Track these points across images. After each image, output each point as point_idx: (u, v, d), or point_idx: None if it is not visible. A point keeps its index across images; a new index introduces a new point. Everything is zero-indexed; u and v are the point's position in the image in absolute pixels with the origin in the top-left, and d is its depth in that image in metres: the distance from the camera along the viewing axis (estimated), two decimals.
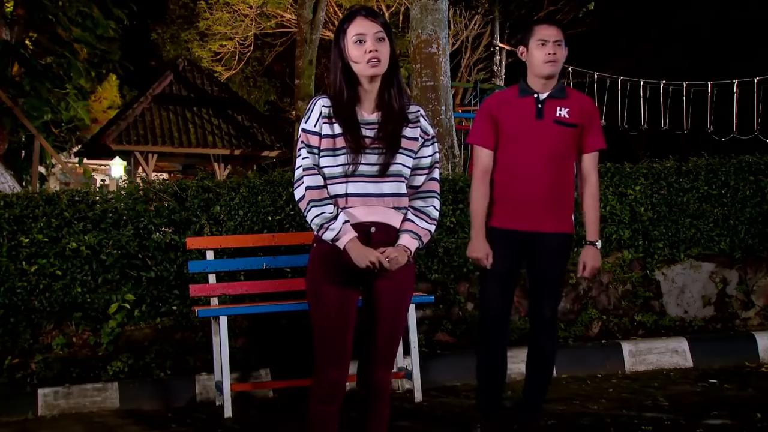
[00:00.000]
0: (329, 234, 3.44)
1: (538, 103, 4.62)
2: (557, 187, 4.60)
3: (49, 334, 6.46)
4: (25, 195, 6.55)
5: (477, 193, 4.70)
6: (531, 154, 4.58)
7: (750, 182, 7.55)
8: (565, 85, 4.74)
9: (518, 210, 4.61)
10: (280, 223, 6.63)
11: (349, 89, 3.54)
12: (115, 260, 6.39)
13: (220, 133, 24.47)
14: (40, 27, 15.27)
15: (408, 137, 3.57)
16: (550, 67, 4.57)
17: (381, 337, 3.60)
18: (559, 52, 4.58)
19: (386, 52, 3.51)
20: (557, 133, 4.59)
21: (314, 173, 3.49)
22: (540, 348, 4.76)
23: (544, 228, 4.60)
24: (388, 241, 3.52)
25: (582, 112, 4.64)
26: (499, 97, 4.83)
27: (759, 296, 7.62)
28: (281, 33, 28.99)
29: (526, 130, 4.60)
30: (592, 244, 4.70)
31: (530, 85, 4.67)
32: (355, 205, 3.50)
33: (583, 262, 4.68)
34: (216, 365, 5.94)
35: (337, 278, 3.51)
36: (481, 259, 4.64)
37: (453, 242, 6.95)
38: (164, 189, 6.69)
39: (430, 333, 6.96)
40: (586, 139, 4.67)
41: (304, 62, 18.85)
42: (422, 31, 9.34)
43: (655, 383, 6.33)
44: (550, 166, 4.57)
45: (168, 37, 32.05)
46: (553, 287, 4.74)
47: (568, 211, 4.68)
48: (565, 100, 4.64)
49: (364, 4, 25.39)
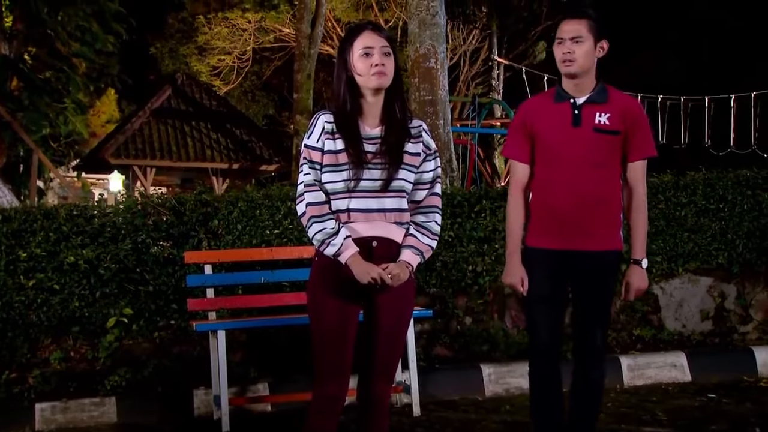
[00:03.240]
0: (331, 249, 3.45)
1: (575, 109, 4.16)
2: (600, 201, 4.15)
3: (47, 348, 6.44)
4: (23, 209, 6.55)
5: (511, 210, 4.32)
6: (569, 165, 4.14)
7: (747, 196, 7.55)
8: (606, 86, 4.23)
9: (556, 227, 4.18)
10: (278, 237, 6.63)
11: (353, 102, 3.55)
12: (113, 274, 6.38)
13: (219, 147, 24.49)
14: (39, 41, 15.34)
15: (410, 152, 3.58)
16: (566, 67, 4.13)
17: (381, 351, 3.60)
18: (579, 49, 4.09)
19: (391, 66, 3.53)
20: (597, 141, 4.13)
21: (316, 189, 3.50)
22: (589, 380, 4.27)
23: (586, 246, 4.15)
24: (390, 255, 3.53)
25: (625, 117, 4.15)
26: (534, 104, 4.42)
27: (757, 310, 7.62)
28: (280, 47, 29.04)
29: (563, 140, 4.16)
30: (637, 263, 4.23)
31: (565, 89, 4.21)
32: (358, 221, 3.51)
33: (627, 283, 4.24)
34: (214, 379, 5.93)
35: (338, 292, 3.52)
36: (516, 285, 4.24)
37: (451, 256, 6.95)
38: (162, 203, 6.69)
39: (429, 347, 6.95)
40: (631, 146, 4.18)
41: (302, 76, 18.88)
42: (420, 46, 9.36)
43: (654, 397, 6.32)
44: (591, 178, 4.12)
45: (166, 52, 32.07)
46: (600, 312, 4.25)
47: (614, 227, 4.22)
48: (606, 104, 4.15)
49: (364, 18, 25.42)
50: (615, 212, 4.21)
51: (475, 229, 7.01)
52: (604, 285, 4.23)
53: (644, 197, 4.24)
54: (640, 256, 4.23)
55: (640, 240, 4.25)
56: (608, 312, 4.33)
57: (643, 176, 4.24)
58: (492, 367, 6.58)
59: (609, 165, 4.17)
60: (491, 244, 7.04)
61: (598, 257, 4.17)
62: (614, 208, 4.21)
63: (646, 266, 4.24)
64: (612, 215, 4.20)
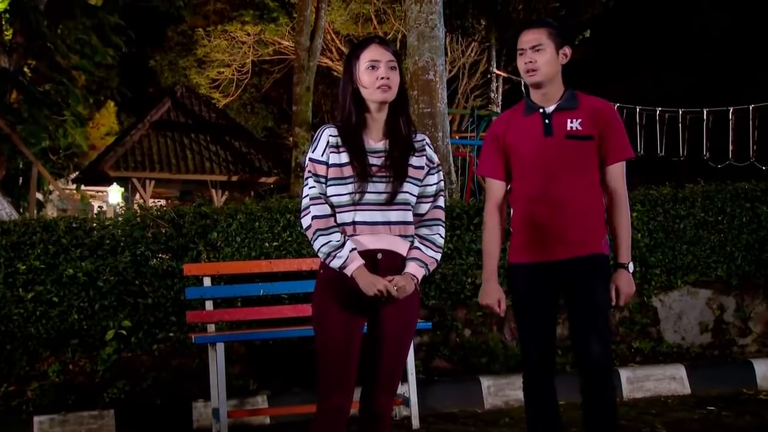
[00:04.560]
0: (337, 262, 3.46)
1: (545, 119, 4.08)
2: (579, 209, 4.02)
3: (46, 361, 6.43)
4: (23, 221, 6.56)
5: (486, 230, 4.23)
6: (543, 175, 4.04)
7: (746, 209, 7.56)
8: (576, 92, 4.15)
9: (538, 240, 4.06)
10: (277, 249, 6.63)
11: (358, 114, 3.57)
12: (112, 287, 6.38)
13: (218, 159, 24.50)
14: (38, 54, 15.37)
15: (414, 166, 3.61)
16: (530, 77, 4.06)
17: (385, 364, 3.60)
18: (540, 57, 4.03)
19: (397, 80, 3.56)
20: (571, 149, 4.02)
21: (321, 202, 3.52)
22: (597, 398, 4.03)
23: (570, 254, 4.01)
24: (395, 267, 3.55)
25: (596, 120, 4.06)
26: (504, 119, 4.31)
27: (756, 323, 7.62)
28: (279, 60, 29.11)
29: (535, 150, 4.07)
30: (623, 267, 4.07)
31: (533, 100, 4.15)
32: (363, 233, 3.52)
33: (615, 288, 4.06)
34: (213, 392, 5.91)
35: (343, 305, 3.53)
36: (492, 307, 4.14)
37: (450, 268, 6.95)
38: (161, 215, 6.70)
39: (428, 359, 6.94)
40: (607, 149, 4.07)
41: (301, 89, 18.90)
42: (419, 58, 9.38)
43: (653, 410, 6.31)
44: (567, 186, 4.01)
45: (166, 64, 32.13)
46: (595, 320, 4.01)
47: (597, 233, 4.06)
48: (576, 110, 4.07)
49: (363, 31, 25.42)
50: (596, 219, 4.09)
51: (474, 241, 7.02)
52: (595, 290, 4.03)
53: (625, 200, 4.11)
54: (626, 260, 4.08)
55: (625, 243, 4.10)
56: (605, 320, 4.08)
57: (622, 179, 4.12)
58: (491, 380, 6.58)
59: (585, 171, 4.06)
60: None
61: (583, 262, 4.02)
62: (595, 215, 4.08)
63: (632, 270, 4.10)
64: (593, 222, 4.07)
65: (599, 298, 4.03)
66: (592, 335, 4.00)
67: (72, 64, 15.53)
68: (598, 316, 4.03)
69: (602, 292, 4.04)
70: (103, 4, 16.64)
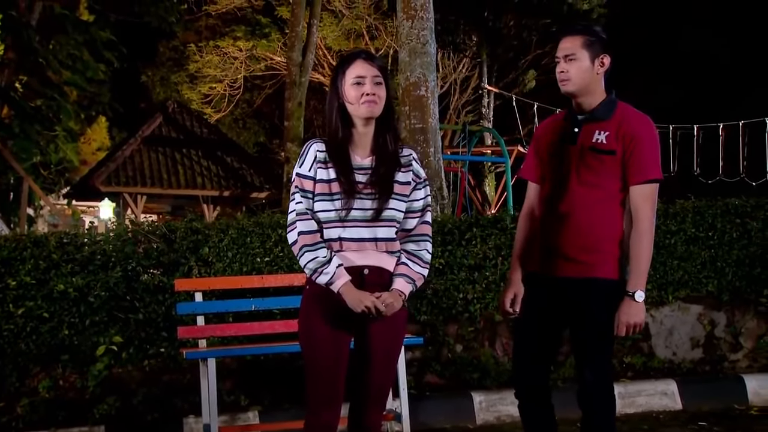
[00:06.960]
0: (323, 278, 3.45)
1: (574, 127, 3.96)
2: (582, 225, 3.87)
3: (36, 376, 6.41)
4: (13, 237, 6.53)
5: (517, 231, 4.19)
6: (556, 184, 3.97)
7: (737, 225, 7.58)
8: (617, 102, 3.98)
9: (543, 250, 3.99)
10: (268, 264, 6.63)
11: (344, 130, 3.56)
12: (103, 302, 6.36)
13: (210, 174, 24.50)
14: (30, 70, 15.35)
15: (400, 182, 3.59)
16: (563, 87, 3.97)
17: (373, 379, 3.59)
18: (572, 67, 3.92)
19: (383, 95, 3.54)
20: (588, 161, 3.88)
21: (307, 218, 3.51)
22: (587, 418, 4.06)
23: (567, 273, 3.90)
24: (381, 282, 3.54)
25: (623, 135, 3.85)
26: (547, 122, 4.26)
27: (747, 338, 7.63)
28: (271, 75, 29.16)
29: (556, 158, 3.99)
30: (630, 297, 3.82)
31: (573, 107, 4.03)
32: (350, 249, 3.51)
33: (617, 317, 3.85)
34: (204, 408, 5.89)
35: (329, 320, 3.51)
36: (502, 307, 4.12)
37: (442, 284, 6.95)
38: (153, 231, 6.69)
39: (419, 375, 6.93)
40: (629, 167, 3.85)
41: (293, 104, 18.94)
42: (411, 74, 9.41)
43: (645, 426, 6.31)
44: (576, 199, 3.89)
45: (158, 80, 32.18)
46: (589, 346, 3.95)
47: (603, 255, 3.88)
48: (607, 121, 3.90)
49: (356, 47, 25.52)
50: (602, 238, 3.88)
51: (465, 256, 7.02)
52: (595, 317, 3.89)
53: (646, 225, 3.84)
54: (632, 288, 3.81)
55: (635, 270, 3.82)
56: (602, 348, 3.96)
57: (644, 202, 3.84)
58: (483, 395, 6.57)
59: (599, 186, 3.87)
60: (482, 272, 7.05)
61: (579, 286, 3.89)
62: (601, 234, 3.88)
63: (641, 299, 3.82)
64: (597, 241, 3.88)
65: (596, 328, 3.91)
66: (584, 361, 3.97)
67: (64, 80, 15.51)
68: (591, 345, 3.94)
69: (600, 320, 3.89)
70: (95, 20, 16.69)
